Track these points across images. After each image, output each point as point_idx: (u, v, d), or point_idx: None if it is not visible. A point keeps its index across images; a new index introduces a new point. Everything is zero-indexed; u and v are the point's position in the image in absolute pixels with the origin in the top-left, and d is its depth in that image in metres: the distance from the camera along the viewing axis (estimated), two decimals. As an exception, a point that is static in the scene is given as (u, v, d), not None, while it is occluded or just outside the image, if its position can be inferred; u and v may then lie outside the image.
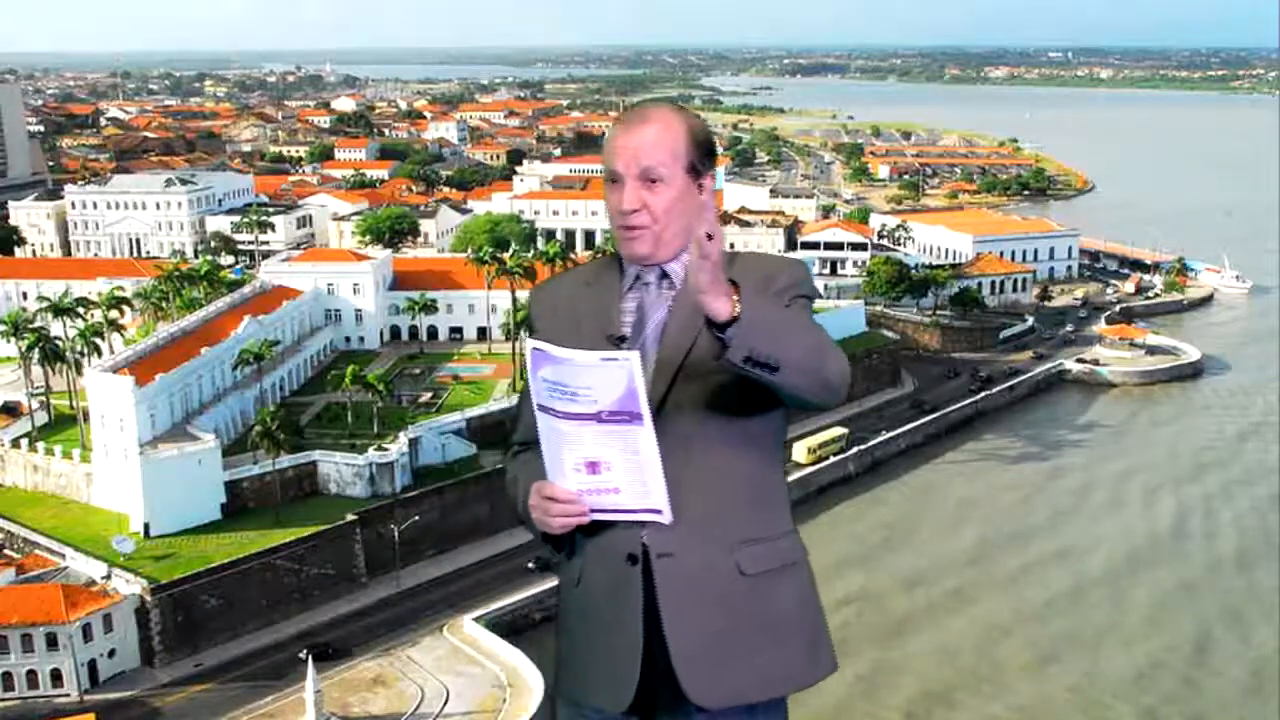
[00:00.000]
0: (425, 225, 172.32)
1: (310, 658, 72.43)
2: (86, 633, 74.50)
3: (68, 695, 73.62)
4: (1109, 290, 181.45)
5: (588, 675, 4.56)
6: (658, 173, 4.47)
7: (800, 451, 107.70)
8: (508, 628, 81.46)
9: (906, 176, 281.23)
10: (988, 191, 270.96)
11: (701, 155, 4.56)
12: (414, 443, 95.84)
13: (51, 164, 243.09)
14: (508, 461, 4.93)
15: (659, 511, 4.33)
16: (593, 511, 4.38)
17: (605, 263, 4.82)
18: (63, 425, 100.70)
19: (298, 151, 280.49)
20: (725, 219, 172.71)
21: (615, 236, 4.62)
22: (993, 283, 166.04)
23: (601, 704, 4.53)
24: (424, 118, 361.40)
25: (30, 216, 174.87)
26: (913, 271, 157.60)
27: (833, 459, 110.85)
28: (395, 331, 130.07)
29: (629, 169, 4.48)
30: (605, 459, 4.31)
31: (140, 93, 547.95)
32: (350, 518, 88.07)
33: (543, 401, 4.30)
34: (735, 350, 3.98)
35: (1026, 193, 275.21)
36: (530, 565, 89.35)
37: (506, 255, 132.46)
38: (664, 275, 4.61)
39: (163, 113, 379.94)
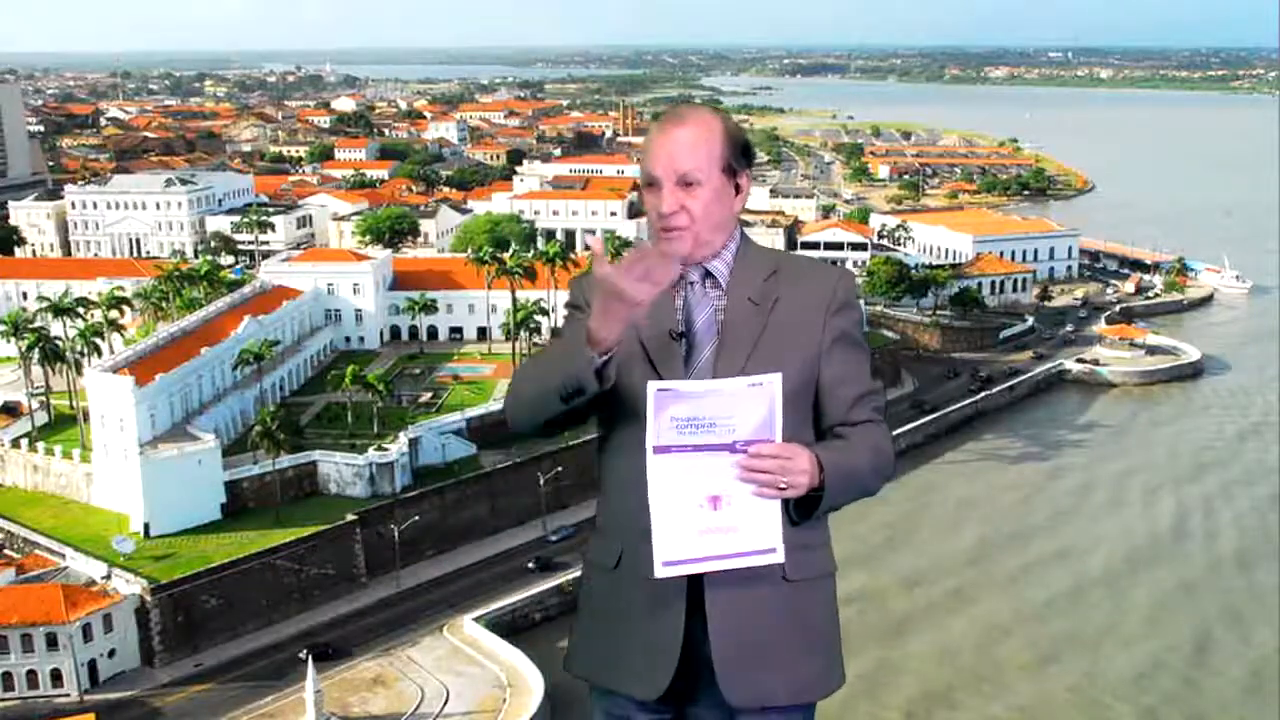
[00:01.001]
0: (425, 225, 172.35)
1: (310, 658, 72.46)
2: (86, 633, 74.52)
3: (68, 695, 73.63)
4: (1109, 290, 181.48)
5: (619, 662, 4.61)
6: (694, 176, 4.54)
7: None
8: (508, 628, 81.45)
9: (906, 176, 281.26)
10: (988, 191, 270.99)
11: (737, 154, 4.65)
12: (414, 443, 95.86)
13: (51, 164, 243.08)
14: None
15: (773, 550, 4.29)
16: (708, 559, 4.25)
17: None
18: (63, 425, 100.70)
19: (298, 151, 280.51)
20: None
21: (654, 239, 4.68)
22: (993, 283, 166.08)
23: (633, 692, 4.60)
24: (424, 118, 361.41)
25: (30, 216, 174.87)
26: (913, 271, 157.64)
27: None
28: (395, 331, 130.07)
29: (666, 174, 4.55)
30: (729, 493, 4.23)
31: (140, 93, 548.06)
32: (350, 518, 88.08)
33: (665, 441, 4.17)
34: (817, 513, 4.42)
35: (1026, 193, 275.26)
36: (530, 565, 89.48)
37: (506, 255, 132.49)
38: (707, 274, 4.68)
39: (163, 113, 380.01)
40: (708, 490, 4.20)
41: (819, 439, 4.61)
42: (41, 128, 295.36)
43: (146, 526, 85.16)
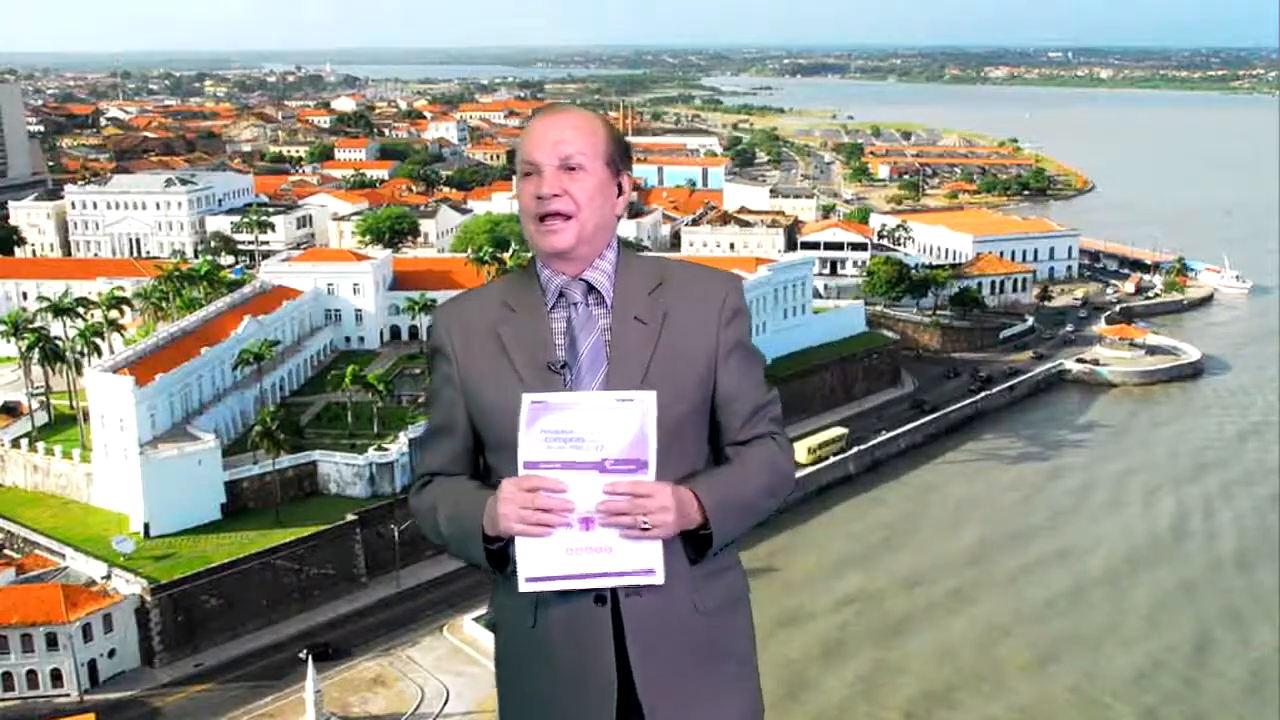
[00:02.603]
0: (425, 225, 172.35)
1: (310, 658, 72.49)
2: (86, 633, 74.51)
3: (68, 695, 73.63)
4: (1109, 290, 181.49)
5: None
6: (578, 160, 4.28)
7: (800, 451, 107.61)
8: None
9: (906, 176, 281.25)
10: (988, 191, 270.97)
11: (619, 151, 4.42)
12: (414, 443, 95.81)
13: (51, 164, 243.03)
14: (414, 494, 4.51)
15: (651, 571, 4.06)
16: (577, 577, 4.03)
17: (520, 279, 4.51)
18: (63, 425, 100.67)
19: (298, 151, 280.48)
20: (725, 219, 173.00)
21: (529, 234, 4.38)
22: (993, 283, 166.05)
23: None
24: (424, 118, 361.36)
25: (30, 216, 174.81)
26: (913, 271, 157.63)
27: (833, 459, 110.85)
28: (395, 331, 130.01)
29: (548, 157, 4.28)
30: (600, 514, 4.02)
31: (140, 93, 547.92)
32: (350, 518, 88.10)
33: (534, 456, 4.00)
34: (710, 552, 4.25)
35: (1026, 193, 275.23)
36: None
37: (506, 255, 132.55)
38: (590, 289, 4.36)
39: (163, 113, 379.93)
40: (579, 510, 3.99)
41: (716, 458, 4.41)
42: (41, 128, 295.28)
43: (146, 526, 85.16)
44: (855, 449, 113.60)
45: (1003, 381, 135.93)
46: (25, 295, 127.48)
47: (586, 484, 3.99)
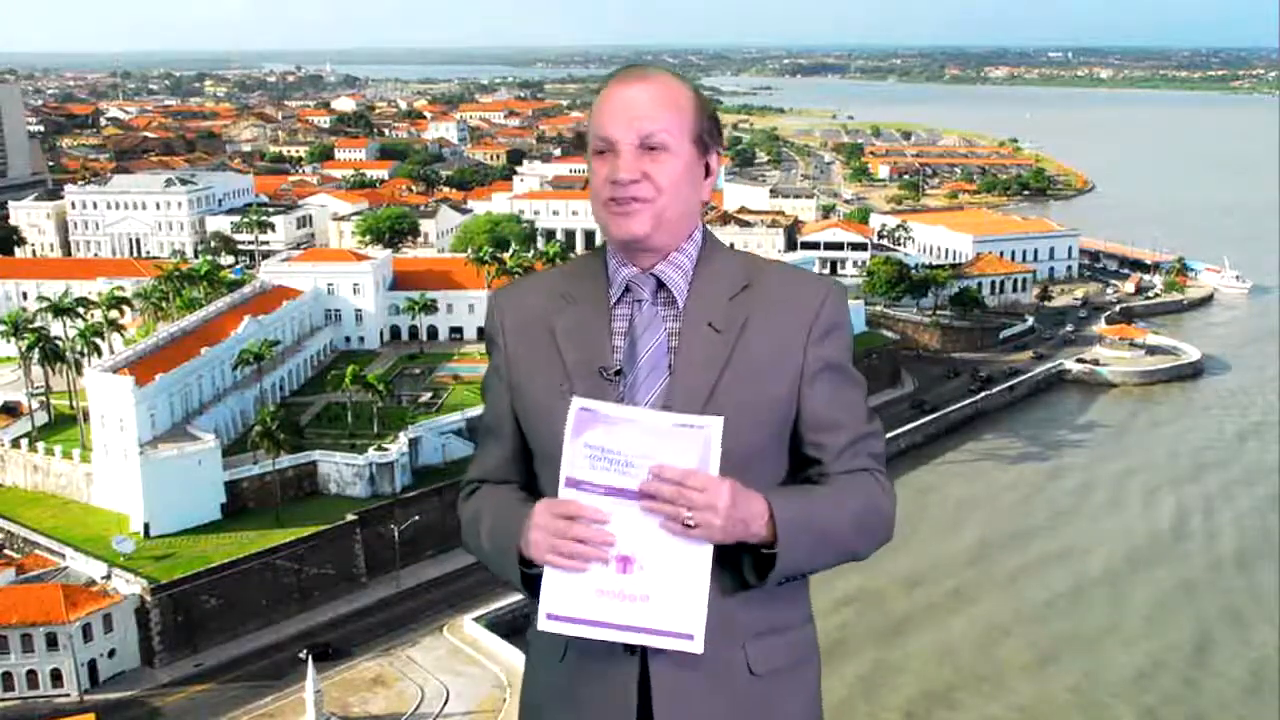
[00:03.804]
0: (425, 225, 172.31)
1: (310, 658, 72.44)
2: (86, 633, 74.49)
3: (68, 695, 73.60)
4: (1109, 290, 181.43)
5: None
6: (661, 139, 3.64)
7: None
8: (508, 628, 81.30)
9: (906, 176, 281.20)
10: (988, 191, 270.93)
11: (709, 126, 3.78)
12: (414, 443, 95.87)
13: (51, 164, 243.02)
14: (461, 503, 4.08)
15: (690, 637, 3.44)
16: (603, 625, 3.47)
17: (584, 267, 3.91)
18: (63, 425, 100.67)
19: (298, 151, 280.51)
20: (725, 219, 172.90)
21: (600, 218, 3.74)
22: (993, 283, 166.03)
23: None
24: (424, 118, 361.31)
25: (30, 216, 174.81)
26: (913, 271, 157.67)
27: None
28: (395, 331, 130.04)
29: (625, 134, 3.64)
30: (642, 555, 3.45)
31: (140, 93, 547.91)
32: (350, 518, 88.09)
33: (578, 474, 3.47)
34: (773, 574, 3.55)
35: (1026, 193, 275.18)
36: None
37: (506, 255, 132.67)
38: (660, 286, 3.74)
39: (163, 113, 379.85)
40: (618, 547, 3.45)
41: None
42: (41, 128, 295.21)
43: (146, 526, 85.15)
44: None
45: (1003, 381, 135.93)
46: (25, 295, 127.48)
47: (630, 517, 3.45)
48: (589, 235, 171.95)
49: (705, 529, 3.39)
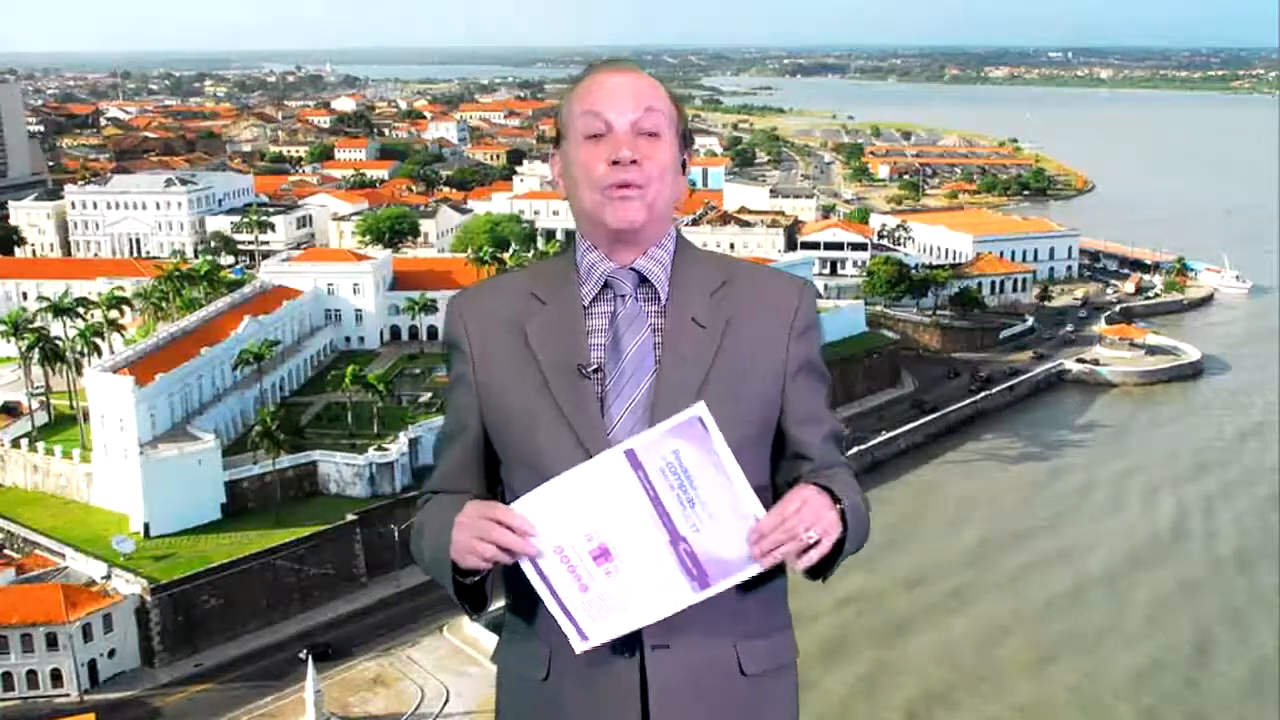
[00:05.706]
0: (425, 225, 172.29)
1: (310, 658, 72.47)
2: (86, 633, 74.51)
3: (68, 695, 73.62)
4: (1109, 290, 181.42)
5: None
6: (656, 123, 3.58)
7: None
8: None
9: (906, 176, 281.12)
10: (988, 191, 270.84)
11: (686, 127, 3.76)
12: (414, 443, 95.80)
13: (51, 164, 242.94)
14: (418, 512, 3.90)
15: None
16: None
17: (552, 267, 3.81)
18: (63, 425, 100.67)
19: (298, 151, 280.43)
20: (725, 219, 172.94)
21: (589, 207, 3.61)
22: (993, 283, 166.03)
23: None
24: (424, 118, 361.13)
25: (30, 216, 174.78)
26: (913, 271, 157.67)
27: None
28: (395, 331, 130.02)
29: (622, 116, 3.54)
30: (622, 549, 3.38)
31: (140, 93, 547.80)
32: (350, 518, 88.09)
33: (646, 461, 3.36)
34: (840, 560, 3.59)
35: (1026, 193, 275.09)
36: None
37: (506, 255, 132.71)
38: (642, 281, 3.68)
39: (163, 113, 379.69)
40: (599, 532, 3.38)
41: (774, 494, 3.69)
42: (41, 128, 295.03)
43: (146, 526, 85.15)
44: (855, 449, 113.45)
45: (1003, 381, 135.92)
46: (25, 295, 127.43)
47: (630, 502, 3.38)
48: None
49: (828, 535, 3.45)
